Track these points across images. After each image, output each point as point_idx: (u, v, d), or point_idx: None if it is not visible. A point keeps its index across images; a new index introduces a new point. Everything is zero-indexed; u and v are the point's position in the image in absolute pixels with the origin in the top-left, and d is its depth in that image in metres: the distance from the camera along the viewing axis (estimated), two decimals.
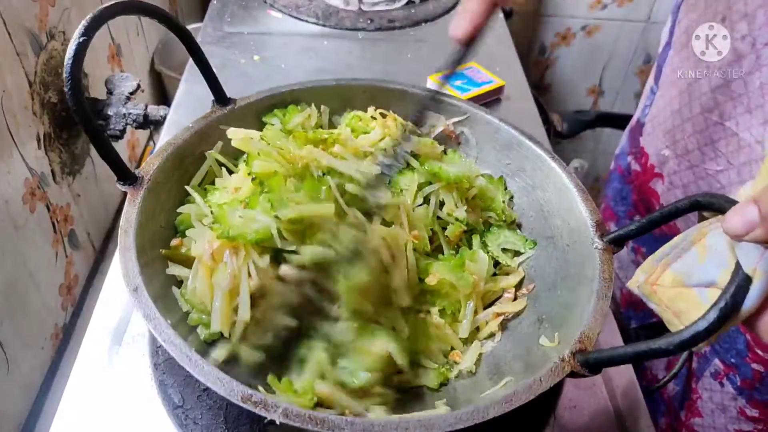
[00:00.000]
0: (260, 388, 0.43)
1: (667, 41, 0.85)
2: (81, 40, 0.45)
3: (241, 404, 0.39)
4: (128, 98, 0.92)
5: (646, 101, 0.92)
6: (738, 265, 0.34)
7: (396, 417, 0.43)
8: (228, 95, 0.65)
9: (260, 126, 0.65)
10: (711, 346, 0.75)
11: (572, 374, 0.42)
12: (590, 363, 0.42)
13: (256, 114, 0.65)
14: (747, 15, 0.65)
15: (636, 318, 0.97)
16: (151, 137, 1.27)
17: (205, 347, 0.49)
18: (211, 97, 0.64)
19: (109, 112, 0.90)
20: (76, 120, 0.46)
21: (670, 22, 0.85)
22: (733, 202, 0.38)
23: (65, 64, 0.44)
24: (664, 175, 0.85)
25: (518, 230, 0.64)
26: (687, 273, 0.40)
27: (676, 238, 0.41)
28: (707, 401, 0.76)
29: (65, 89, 0.44)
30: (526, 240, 0.61)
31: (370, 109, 0.68)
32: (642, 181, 0.91)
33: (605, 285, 0.49)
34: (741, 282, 0.34)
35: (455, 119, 0.68)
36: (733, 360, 0.71)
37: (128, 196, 0.51)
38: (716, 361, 0.74)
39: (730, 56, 0.68)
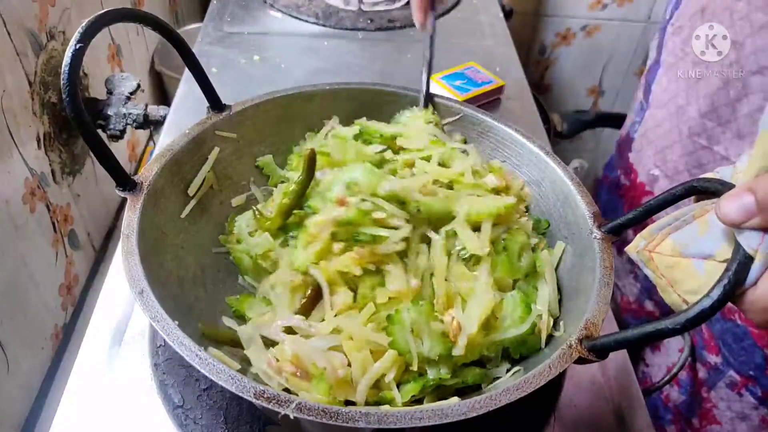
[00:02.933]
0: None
1: (655, 59, 0.85)
2: (77, 47, 0.45)
3: (254, 400, 0.39)
4: (128, 98, 0.92)
5: (635, 117, 0.92)
6: (739, 244, 0.35)
7: (410, 408, 0.43)
8: (228, 95, 0.65)
9: (256, 131, 0.65)
10: (724, 358, 0.74)
11: (580, 360, 0.43)
12: (597, 348, 0.42)
13: (251, 119, 0.65)
14: (735, 43, 0.66)
15: (634, 324, 0.97)
16: (151, 137, 1.27)
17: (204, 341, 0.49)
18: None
19: (109, 112, 0.90)
20: (75, 126, 0.46)
21: (658, 40, 0.85)
22: (730, 186, 0.38)
23: (62, 71, 0.44)
24: (654, 193, 0.85)
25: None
26: (686, 244, 0.40)
27: (678, 212, 0.42)
28: (725, 410, 0.76)
29: (63, 96, 0.45)
30: (540, 220, 0.62)
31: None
32: (632, 197, 0.91)
33: (607, 273, 0.49)
34: (743, 259, 0.34)
35: (449, 119, 0.69)
36: (751, 373, 0.70)
37: (129, 202, 0.51)
38: (731, 372, 0.73)
39: (718, 82, 0.69)
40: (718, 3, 0.67)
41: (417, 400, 0.48)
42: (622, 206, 0.96)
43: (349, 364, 0.47)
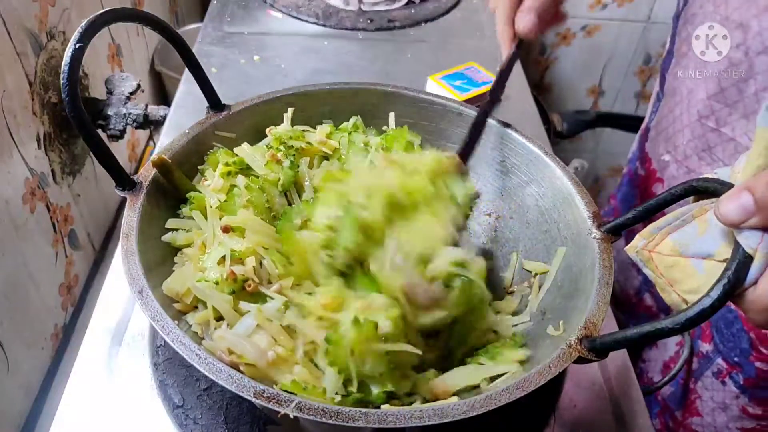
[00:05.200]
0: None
1: (668, 49, 0.86)
2: (77, 46, 0.45)
3: (254, 400, 0.39)
4: (128, 98, 0.92)
5: (652, 107, 0.93)
6: (738, 244, 0.35)
7: (410, 408, 0.43)
8: (228, 95, 0.65)
9: (255, 131, 0.65)
10: (714, 345, 0.75)
11: (580, 360, 0.43)
12: (597, 347, 0.42)
13: (251, 119, 0.65)
14: (742, 24, 0.67)
15: (634, 321, 0.97)
16: (151, 137, 1.27)
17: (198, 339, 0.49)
18: None
19: (109, 112, 0.90)
20: (74, 126, 0.46)
21: (672, 31, 0.86)
22: (729, 186, 0.38)
23: (62, 71, 0.44)
24: (664, 180, 0.86)
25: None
26: (685, 243, 0.40)
27: (677, 211, 0.42)
28: (707, 401, 0.76)
29: (63, 96, 0.45)
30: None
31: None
32: (645, 186, 0.92)
33: (606, 273, 0.49)
34: (743, 259, 0.34)
35: (447, 119, 0.69)
36: (736, 359, 0.71)
37: (128, 201, 0.51)
38: (719, 360, 0.74)
39: (724, 64, 0.70)
40: None
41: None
42: (635, 197, 0.96)
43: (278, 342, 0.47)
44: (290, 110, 0.66)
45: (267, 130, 0.64)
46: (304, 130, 0.64)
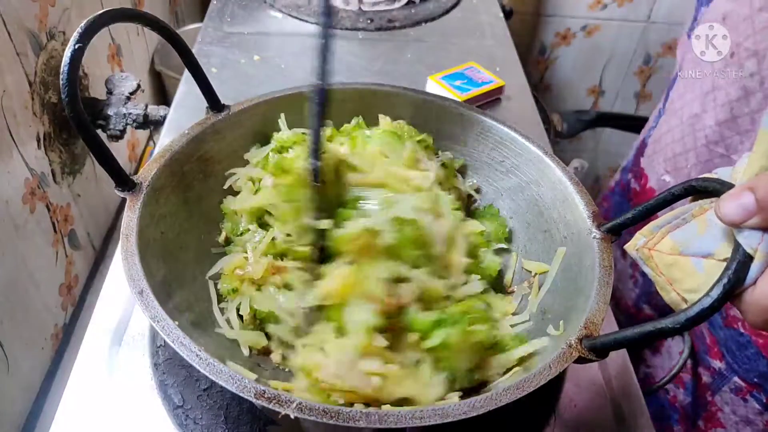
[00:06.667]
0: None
1: (679, 67, 0.85)
2: (76, 46, 0.45)
3: (255, 401, 0.39)
4: (128, 98, 0.92)
5: (652, 122, 0.92)
6: (738, 243, 0.35)
7: (410, 408, 0.44)
8: (228, 95, 0.65)
9: (255, 131, 0.65)
10: (728, 364, 0.74)
11: (580, 360, 0.43)
12: (597, 347, 0.42)
13: (250, 119, 0.65)
14: (756, 53, 0.65)
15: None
16: (151, 137, 1.27)
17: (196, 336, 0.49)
18: None
19: (109, 112, 0.90)
20: (73, 127, 0.46)
21: (680, 52, 0.85)
22: (729, 186, 0.38)
23: (62, 71, 0.44)
24: None
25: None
26: (685, 242, 0.40)
27: (677, 210, 0.42)
28: (729, 414, 0.75)
29: (62, 96, 0.44)
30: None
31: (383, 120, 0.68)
32: (640, 201, 0.91)
33: (606, 272, 0.49)
34: (743, 258, 0.34)
35: (447, 119, 0.69)
36: (756, 380, 0.70)
37: (128, 202, 0.51)
38: (736, 379, 0.73)
39: (738, 92, 0.69)
40: (739, 12, 0.67)
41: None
42: (629, 210, 0.95)
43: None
44: (282, 116, 0.66)
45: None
46: (304, 133, 0.64)
